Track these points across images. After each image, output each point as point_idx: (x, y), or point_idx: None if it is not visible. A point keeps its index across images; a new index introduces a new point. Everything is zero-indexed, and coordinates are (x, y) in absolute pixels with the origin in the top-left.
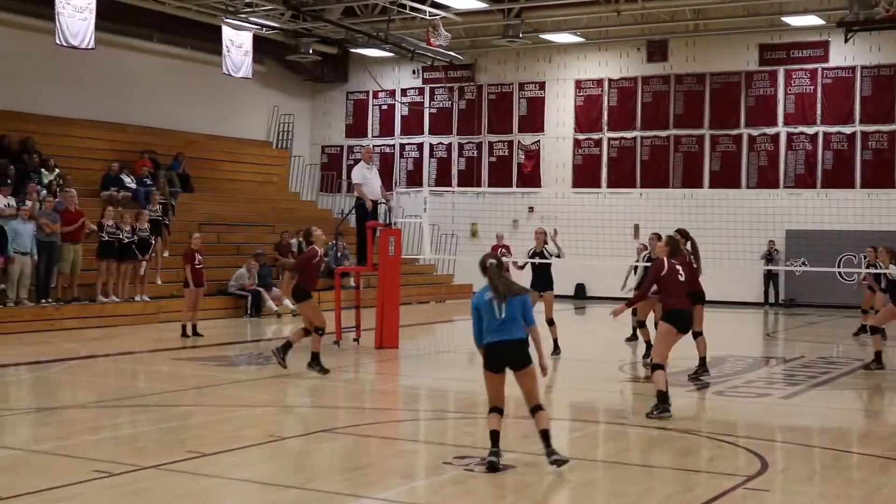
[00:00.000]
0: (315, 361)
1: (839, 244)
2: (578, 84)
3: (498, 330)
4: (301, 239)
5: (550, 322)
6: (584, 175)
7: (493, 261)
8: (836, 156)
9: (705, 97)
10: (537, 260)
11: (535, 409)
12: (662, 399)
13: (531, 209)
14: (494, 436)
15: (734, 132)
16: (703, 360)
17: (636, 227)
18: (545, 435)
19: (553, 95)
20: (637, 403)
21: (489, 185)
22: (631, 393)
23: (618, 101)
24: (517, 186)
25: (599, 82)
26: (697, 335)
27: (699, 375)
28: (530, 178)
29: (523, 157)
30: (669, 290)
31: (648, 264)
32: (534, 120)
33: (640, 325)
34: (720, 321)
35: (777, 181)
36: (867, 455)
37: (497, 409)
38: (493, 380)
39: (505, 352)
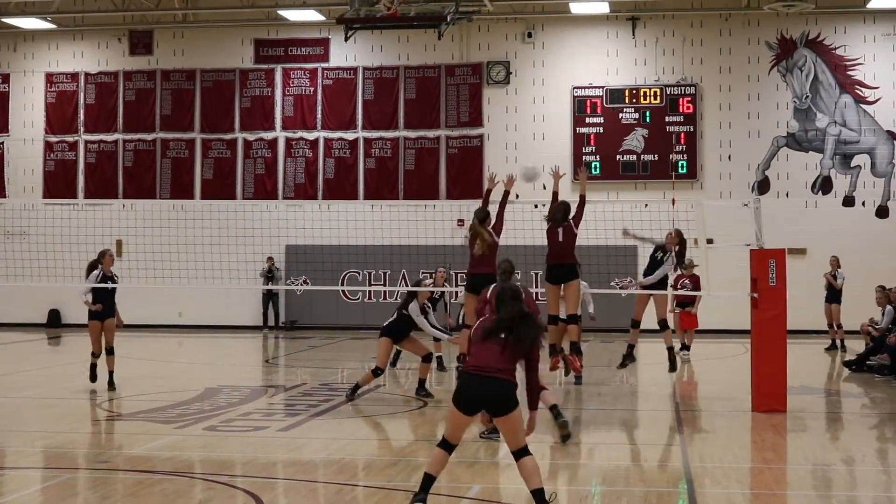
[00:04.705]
0: None
1: (343, 260)
2: (49, 77)
3: None
4: None
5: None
6: (58, 183)
7: None
8: (338, 164)
9: (196, 96)
10: None
11: None
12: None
13: None
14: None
15: (228, 136)
16: None
17: (119, 244)
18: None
19: (19, 90)
20: (118, 443)
21: None
22: (112, 433)
23: (96, 99)
24: None
25: (74, 76)
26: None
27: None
28: None
29: None
30: None
31: None
32: None
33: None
34: (211, 347)
35: (276, 191)
36: (370, 487)
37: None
38: None
39: None
